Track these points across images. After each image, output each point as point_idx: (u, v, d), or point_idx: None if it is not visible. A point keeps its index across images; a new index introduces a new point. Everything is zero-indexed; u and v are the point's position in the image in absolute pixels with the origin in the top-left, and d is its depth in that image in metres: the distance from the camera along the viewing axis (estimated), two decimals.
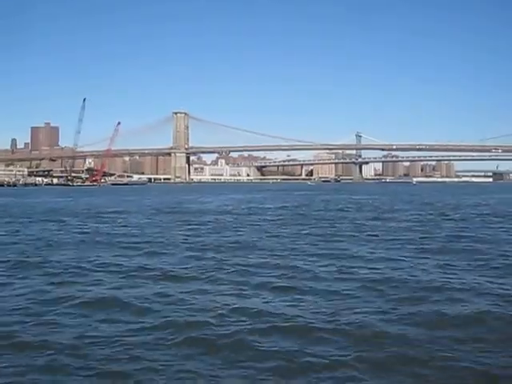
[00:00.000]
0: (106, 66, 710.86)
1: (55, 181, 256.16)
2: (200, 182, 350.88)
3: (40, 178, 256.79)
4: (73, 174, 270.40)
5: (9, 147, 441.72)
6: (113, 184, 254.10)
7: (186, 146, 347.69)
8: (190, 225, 41.43)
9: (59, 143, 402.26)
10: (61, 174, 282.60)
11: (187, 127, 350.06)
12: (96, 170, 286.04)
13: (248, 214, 54.17)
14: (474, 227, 38.63)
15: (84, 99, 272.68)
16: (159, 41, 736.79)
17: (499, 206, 69.01)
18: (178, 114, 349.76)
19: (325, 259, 22.77)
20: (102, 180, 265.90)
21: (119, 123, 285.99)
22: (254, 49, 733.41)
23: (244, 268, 20.44)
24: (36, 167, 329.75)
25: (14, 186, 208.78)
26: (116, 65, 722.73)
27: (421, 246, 27.18)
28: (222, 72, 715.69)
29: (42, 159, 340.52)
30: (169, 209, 63.99)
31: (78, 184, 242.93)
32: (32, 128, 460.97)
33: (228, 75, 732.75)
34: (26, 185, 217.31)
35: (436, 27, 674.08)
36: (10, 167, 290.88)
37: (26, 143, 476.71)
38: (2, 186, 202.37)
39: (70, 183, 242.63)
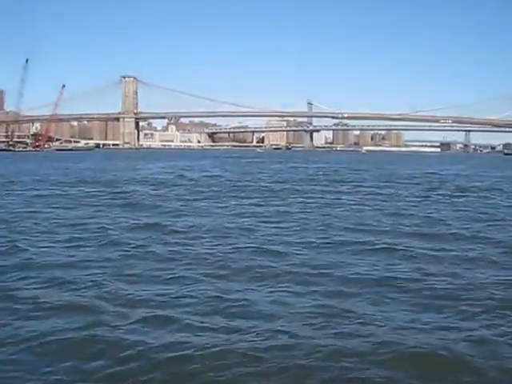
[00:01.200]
0: (55, 27, 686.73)
1: None
2: (150, 148, 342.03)
3: None
4: (16, 139, 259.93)
5: None
6: (57, 149, 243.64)
7: (135, 111, 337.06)
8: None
9: (4, 107, 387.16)
10: (4, 140, 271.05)
11: (136, 92, 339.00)
12: (40, 135, 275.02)
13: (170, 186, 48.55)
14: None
15: (27, 60, 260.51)
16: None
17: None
18: (127, 79, 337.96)
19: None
20: (46, 145, 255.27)
21: (64, 86, 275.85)
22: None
23: None
24: None
25: None
26: (66, 24, 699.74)
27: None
28: (172, 34, 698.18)
29: None
30: (93, 178, 57.74)
31: (21, 149, 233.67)
32: None
33: (178, 37, 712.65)
34: None
35: None
36: None
37: None
38: None
39: (11, 148, 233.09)
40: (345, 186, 49.50)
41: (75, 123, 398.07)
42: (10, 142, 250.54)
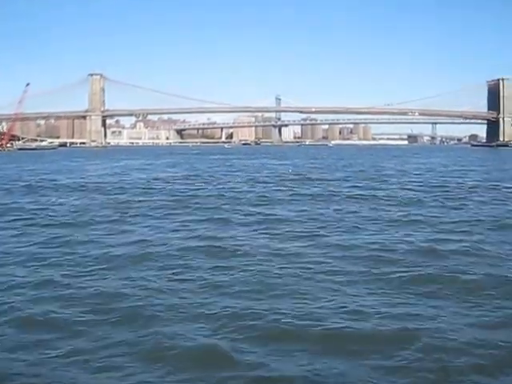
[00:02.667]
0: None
1: None
2: (117, 145, 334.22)
3: None
4: None
5: None
6: (20, 149, 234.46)
7: (102, 109, 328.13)
8: None
9: None
10: None
11: (103, 89, 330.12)
12: (2, 134, 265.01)
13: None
14: None
15: None
16: None
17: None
18: (94, 76, 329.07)
19: None
20: (9, 145, 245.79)
21: (28, 84, 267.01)
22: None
23: None
24: None
25: None
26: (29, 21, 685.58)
27: None
28: (139, 30, 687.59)
29: None
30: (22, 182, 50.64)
31: None
32: None
33: (142, 33, 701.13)
34: None
35: None
36: None
37: None
38: None
39: None
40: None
41: (42, 122, 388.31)
42: None
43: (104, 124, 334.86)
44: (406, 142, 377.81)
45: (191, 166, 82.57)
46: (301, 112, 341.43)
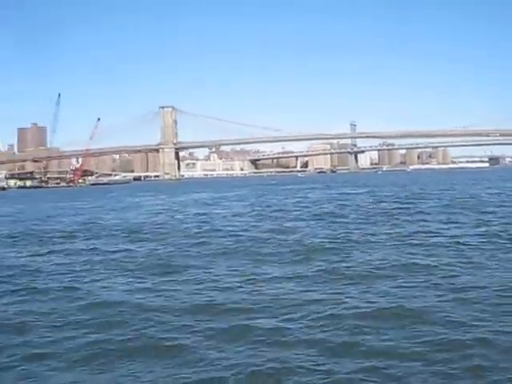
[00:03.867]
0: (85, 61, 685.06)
1: (29, 183, 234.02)
2: (191, 178, 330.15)
3: (13, 181, 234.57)
4: (49, 176, 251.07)
5: None
6: (92, 184, 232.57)
7: (175, 142, 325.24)
8: None
9: (47, 144, 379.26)
10: (51, 176, 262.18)
11: (175, 122, 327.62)
12: (74, 170, 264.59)
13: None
14: None
15: (59, 94, 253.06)
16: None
17: None
18: (165, 109, 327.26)
19: None
20: (81, 180, 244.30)
21: (99, 119, 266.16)
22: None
23: None
24: (22, 169, 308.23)
25: None
26: (99, 59, 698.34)
27: None
28: (208, 65, 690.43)
29: (25, 161, 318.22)
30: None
31: (53, 185, 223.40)
32: (19, 129, 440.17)
33: (211, 65, 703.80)
34: None
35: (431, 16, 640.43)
36: None
37: (9, 145, 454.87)
38: None
39: (43, 185, 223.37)
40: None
41: (117, 157, 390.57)
42: (43, 179, 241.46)
43: (177, 156, 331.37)
44: (487, 165, 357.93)
45: (260, 198, 72.94)
46: (377, 137, 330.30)
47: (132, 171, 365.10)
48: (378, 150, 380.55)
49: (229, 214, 46.12)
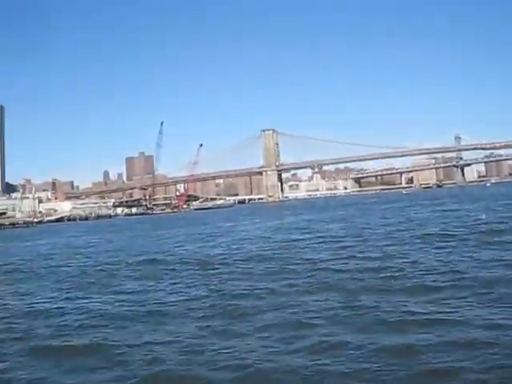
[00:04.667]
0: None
1: (134, 210, 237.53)
2: (295, 199, 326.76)
3: (120, 209, 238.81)
4: (154, 203, 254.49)
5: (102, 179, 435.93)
6: (196, 209, 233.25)
7: (277, 164, 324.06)
8: None
9: (155, 172, 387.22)
10: (158, 202, 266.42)
11: (277, 144, 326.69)
12: (178, 196, 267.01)
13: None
14: None
15: (161, 123, 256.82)
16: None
17: None
18: (266, 132, 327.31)
19: None
20: (185, 206, 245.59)
21: (201, 145, 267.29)
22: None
23: None
24: (130, 197, 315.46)
25: (86, 219, 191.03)
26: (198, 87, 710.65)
27: None
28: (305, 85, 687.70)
29: (133, 189, 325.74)
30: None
31: (158, 212, 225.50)
32: (127, 158, 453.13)
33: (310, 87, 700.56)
34: (98, 217, 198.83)
35: None
36: (104, 199, 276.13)
37: (118, 174, 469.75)
38: (74, 220, 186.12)
39: (149, 212, 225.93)
40: None
41: (221, 181, 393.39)
42: (149, 205, 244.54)
43: (280, 178, 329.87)
44: None
45: (358, 219, 68.05)
46: (483, 149, 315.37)
47: (236, 194, 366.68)
48: (485, 162, 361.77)
49: (318, 241, 42.05)
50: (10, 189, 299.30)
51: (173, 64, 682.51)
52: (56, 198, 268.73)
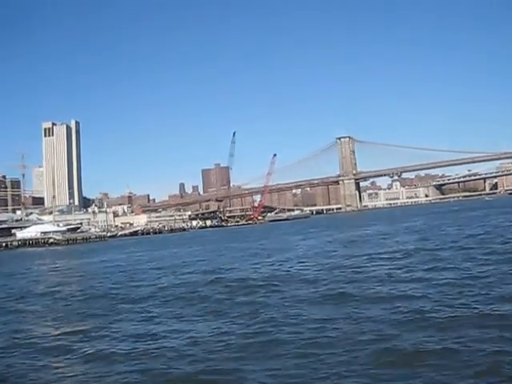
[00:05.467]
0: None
1: (209, 223, 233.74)
2: (374, 208, 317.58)
3: (195, 222, 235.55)
4: (229, 214, 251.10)
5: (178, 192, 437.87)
6: (271, 220, 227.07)
7: (354, 172, 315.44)
8: None
9: (231, 183, 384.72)
10: (233, 214, 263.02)
11: (353, 152, 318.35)
12: (254, 207, 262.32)
13: None
14: None
15: (234, 133, 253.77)
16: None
17: None
18: (342, 139, 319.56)
19: None
20: (260, 217, 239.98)
21: (275, 155, 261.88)
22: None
23: None
24: (206, 209, 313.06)
25: (160, 232, 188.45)
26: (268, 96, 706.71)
27: None
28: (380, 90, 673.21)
29: (209, 201, 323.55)
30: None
31: (233, 224, 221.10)
32: (203, 170, 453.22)
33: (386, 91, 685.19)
34: (171, 230, 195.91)
35: None
36: (180, 212, 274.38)
37: (194, 186, 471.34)
38: (148, 233, 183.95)
39: (223, 224, 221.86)
40: None
41: (298, 191, 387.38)
42: (223, 218, 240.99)
43: (358, 187, 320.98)
44: None
45: (432, 230, 60.81)
46: None
47: (314, 205, 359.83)
48: None
49: (386, 256, 35.79)
50: (87, 203, 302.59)
51: (247, 74, 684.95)
52: (132, 212, 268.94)
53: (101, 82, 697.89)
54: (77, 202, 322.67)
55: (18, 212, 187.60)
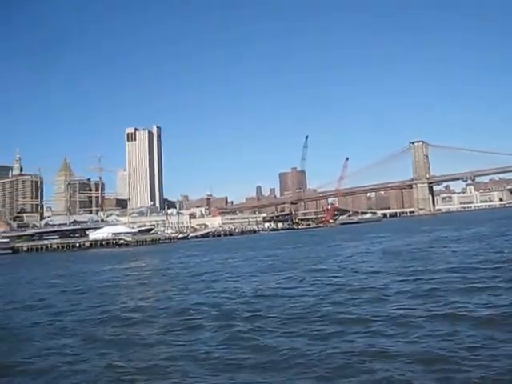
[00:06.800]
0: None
1: (280, 225, 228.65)
2: (448, 212, 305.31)
3: (267, 224, 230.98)
4: (301, 217, 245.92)
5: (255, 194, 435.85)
6: (342, 223, 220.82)
7: (427, 176, 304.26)
8: None
9: (308, 187, 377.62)
10: (306, 217, 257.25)
11: (426, 156, 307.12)
12: (326, 210, 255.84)
13: None
14: None
15: (306, 137, 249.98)
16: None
17: None
18: (415, 144, 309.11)
19: None
20: (331, 220, 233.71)
21: (347, 159, 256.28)
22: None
23: None
24: (282, 211, 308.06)
25: (231, 235, 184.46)
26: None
27: None
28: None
29: (284, 203, 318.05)
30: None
31: (304, 227, 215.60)
32: (280, 174, 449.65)
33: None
34: (242, 233, 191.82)
35: None
36: (255, 214, 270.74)
37: (271, 189, 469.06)
38: (219, 235, 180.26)
39: (294, 227, 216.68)
40: None
41: (373, 194, 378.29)
42: (294, 220, 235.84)
43: (431, 191, 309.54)
44: None
45: (501, 237, 53.57)
46: None
47: (388, 208, 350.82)
48: None
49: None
50: (168, 205, 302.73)
51: (323, 80, 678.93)
52: (209, 214, 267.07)
53: (185, 88, 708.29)
54: (158, 204, 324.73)
55: (101, 213, 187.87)
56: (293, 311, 20.64)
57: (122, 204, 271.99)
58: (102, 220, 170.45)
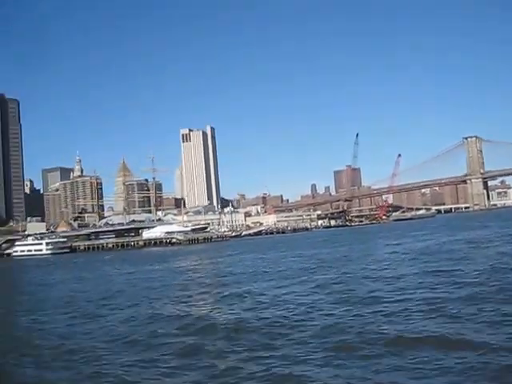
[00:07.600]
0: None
1: (333, 222, 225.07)
2: (504, 206, 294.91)
3: (321, 221, 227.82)
4: (354, 214, 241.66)
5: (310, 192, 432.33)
6: (395, 220, 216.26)
7: (482, 171, 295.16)
8: None
9: (362, 184, 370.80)
10: (360, 214, 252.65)
11: (480, 151, 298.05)
12: (379, 207, 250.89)
13: None
14: None
15: (357, 134, 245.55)
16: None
17: None
18: (469, 139, 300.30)
19: None
20: (384, 217, 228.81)
21: (399, 156, 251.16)
22: None
23: None
24: (337, 208, 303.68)
25: (283, 232, 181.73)
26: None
27: None
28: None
29: (338, 201, 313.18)
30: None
31: (356, 224, 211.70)
32: (335, 171, 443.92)
33: None
34: (294, 230, 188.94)
35: None
36: (309, 211, 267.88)
37: (326, 187, 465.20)
38: (271, 233, 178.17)
39: (347, 224, 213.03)
40: None
41: (427, 190, 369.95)
42: (347, 217, 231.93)
43: (486, 186, 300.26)
44: None
45: None
46: None
47: (443, 204, 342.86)
48: None
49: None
50: (225, 204, 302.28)
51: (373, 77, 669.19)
52: (265, 212, 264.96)
53: (240, 89, 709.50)
54: (215, 203, 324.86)
55: (159, 213, 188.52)
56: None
57: (179, 203, 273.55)
58: (159, 219, 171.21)
